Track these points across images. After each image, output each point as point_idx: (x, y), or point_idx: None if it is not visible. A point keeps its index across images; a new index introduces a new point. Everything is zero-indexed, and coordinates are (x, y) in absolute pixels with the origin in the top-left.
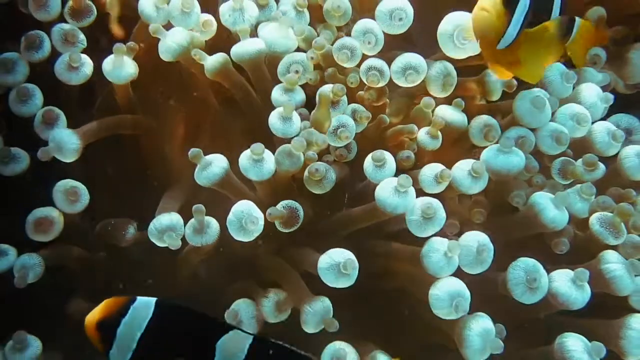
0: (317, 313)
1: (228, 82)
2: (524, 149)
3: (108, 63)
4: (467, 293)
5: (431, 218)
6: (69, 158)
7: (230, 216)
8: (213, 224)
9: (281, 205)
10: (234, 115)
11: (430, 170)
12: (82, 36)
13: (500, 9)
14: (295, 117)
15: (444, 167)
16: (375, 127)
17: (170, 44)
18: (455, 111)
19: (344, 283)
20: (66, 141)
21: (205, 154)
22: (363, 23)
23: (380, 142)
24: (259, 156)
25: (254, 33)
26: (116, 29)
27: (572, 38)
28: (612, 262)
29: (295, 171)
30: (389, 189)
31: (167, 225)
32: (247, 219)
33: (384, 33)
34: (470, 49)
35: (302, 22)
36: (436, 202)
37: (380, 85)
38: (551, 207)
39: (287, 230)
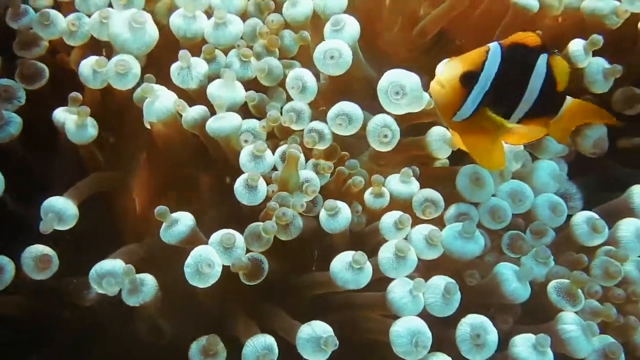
0: (256, 348)
1: (205, 136)
2: None
3: (71, 124)
4: (429, 333)
5: (404, 257)
6: (69, 225)
7: (188, 259)
8: (148, 280)
9: (246, 256)
10: (204, 172)
11: (390, 217)
12: (20, 93)
13: (457, 84)
14: (261, 185)
15: (403, 213)
16: (335, 181)
17: (159, 106)
18: (402, 182)
19: (319, 358)
20: (65, 208)
21: (174, 210)
22: (295, 71)
23: (344, 196)
24: (230, 245)
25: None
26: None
27: (558, 117)
28: (569, 323)
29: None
30: (343, 264)
31: (107, 271)
32: (204, 262)
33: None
34: (407, 105)
35: (248, 72)
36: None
37: (320, 147)
38: (514, 279)
39: (251, 283)
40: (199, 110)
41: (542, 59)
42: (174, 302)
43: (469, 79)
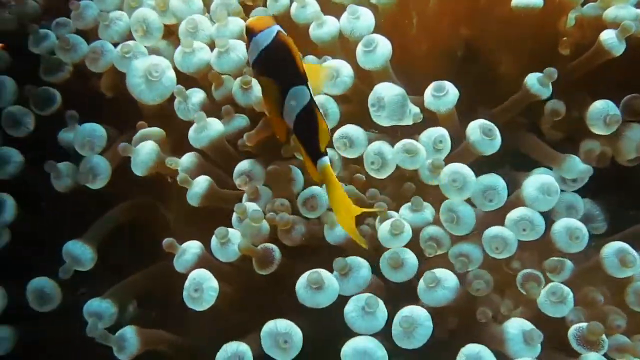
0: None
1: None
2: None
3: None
4: (380, 353)
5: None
6: (88, 267)
7: (185, 283)
8: (128, 334)
9: (260, 246)
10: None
11: (385, 225)
12: (27, 119)
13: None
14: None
15: (397, 219)
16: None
17: (138, 162)
18: (413, 211)
19: (277, 354)
20: (80, 253)
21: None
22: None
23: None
24: (224, 239)
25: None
26: None
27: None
28: None
29: (260, 241)
30: (303, 281)
31: (93, 311)
32: (192, 287)
33: None
34: (387, 117)
35: (250, 99)
36: None
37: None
38: (519, 341)
39: (263, 272)
40: (189, 158)
41: None
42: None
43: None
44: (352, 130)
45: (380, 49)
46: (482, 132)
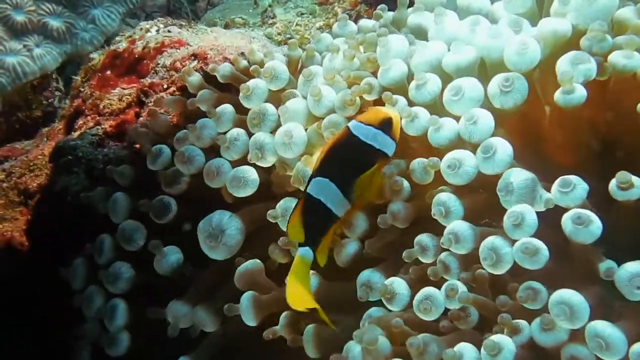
0: None
1: None
2: None
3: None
4: None
5: None
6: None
7: None
8: None
9: None
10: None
11: None
12: (137, 235)
13: None
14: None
15: None
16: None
17: (244, 314)
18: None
19: None
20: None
21: None
22: (437, 198)
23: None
24: None
25: None
26: None
27: None
28: None
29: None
30: None
31: None
32: None
33: None
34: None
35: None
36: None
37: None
38: None
39: None
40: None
41: None
42: None
43: None
44: (457, 226)
45: (499, 155)
46: (573, 222)
